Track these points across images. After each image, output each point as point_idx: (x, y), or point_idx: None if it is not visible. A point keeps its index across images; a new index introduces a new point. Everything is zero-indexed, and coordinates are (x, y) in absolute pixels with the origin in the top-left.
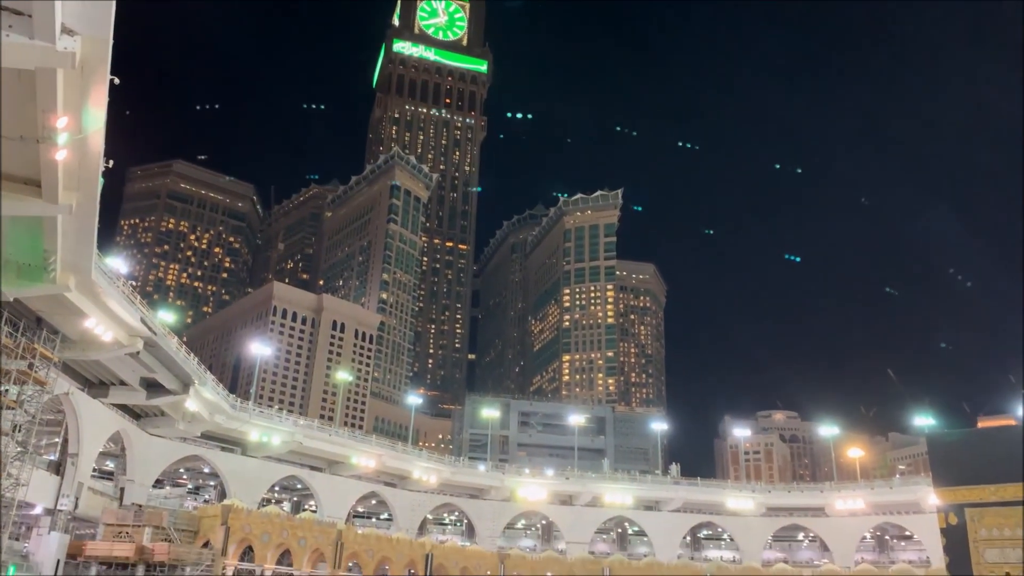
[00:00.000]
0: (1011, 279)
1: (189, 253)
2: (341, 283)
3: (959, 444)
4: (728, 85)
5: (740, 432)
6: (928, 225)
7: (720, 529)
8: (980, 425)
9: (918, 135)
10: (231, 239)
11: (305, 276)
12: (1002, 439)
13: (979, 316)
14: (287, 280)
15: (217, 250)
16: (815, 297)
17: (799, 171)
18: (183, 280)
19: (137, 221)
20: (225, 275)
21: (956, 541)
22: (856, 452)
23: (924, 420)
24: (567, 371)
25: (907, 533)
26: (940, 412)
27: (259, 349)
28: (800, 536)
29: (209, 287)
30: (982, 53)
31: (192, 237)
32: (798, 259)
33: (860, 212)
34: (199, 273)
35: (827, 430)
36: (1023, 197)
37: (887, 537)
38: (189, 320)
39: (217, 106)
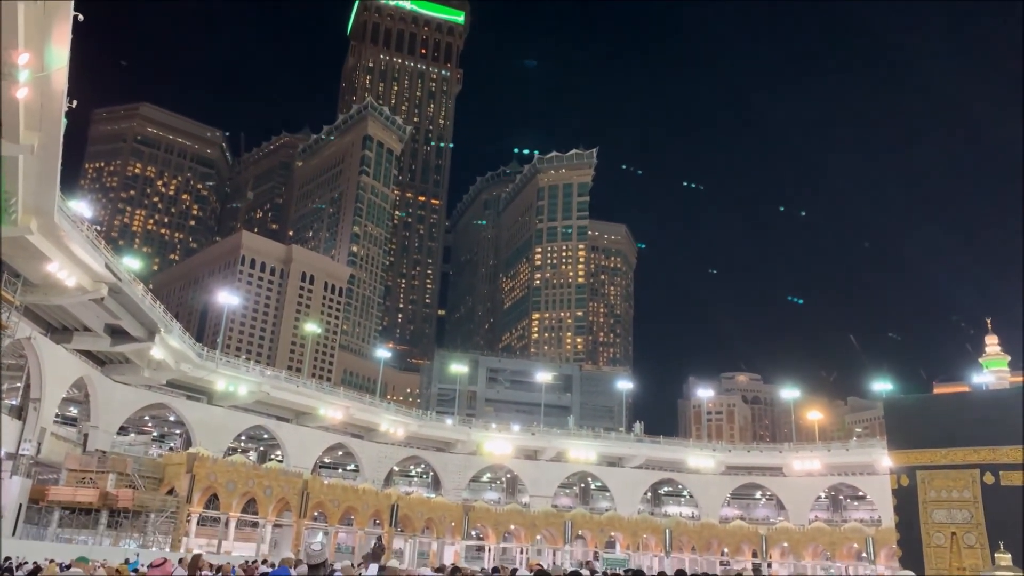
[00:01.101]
0: (968, 254)
1: (156, 199)
2: (311, 234)
3: (914, 409)
4: (709, 54)
5: (703, 392)
6: (889, 201)
7: (680, 486)
8: (936, 391)
9: (885, 117)
10: (199, 186)
11: (275, 226)
12: (956, 405)
13: (939, 288)
14: (256, 230)
15: (185, 197)
16: (781, 265)
17: (767, 140)
18: (149, 226)
19: (102, 164)
20: (193, 223)
21: (906, 501)
22: (815, 415)
23: (882, 385)
24: (536, 329)
25: (860, 493)
26: (898, 378)
27: (227, 299)
28: (758, 494)
29: (176, 234)
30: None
31: (159, 183)
32: (765, 229)
33: (824, 186)
34: (166, 220)
35: (788, 393)
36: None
37: (841, 497)
38: (155, 267)
39: (186, 48)
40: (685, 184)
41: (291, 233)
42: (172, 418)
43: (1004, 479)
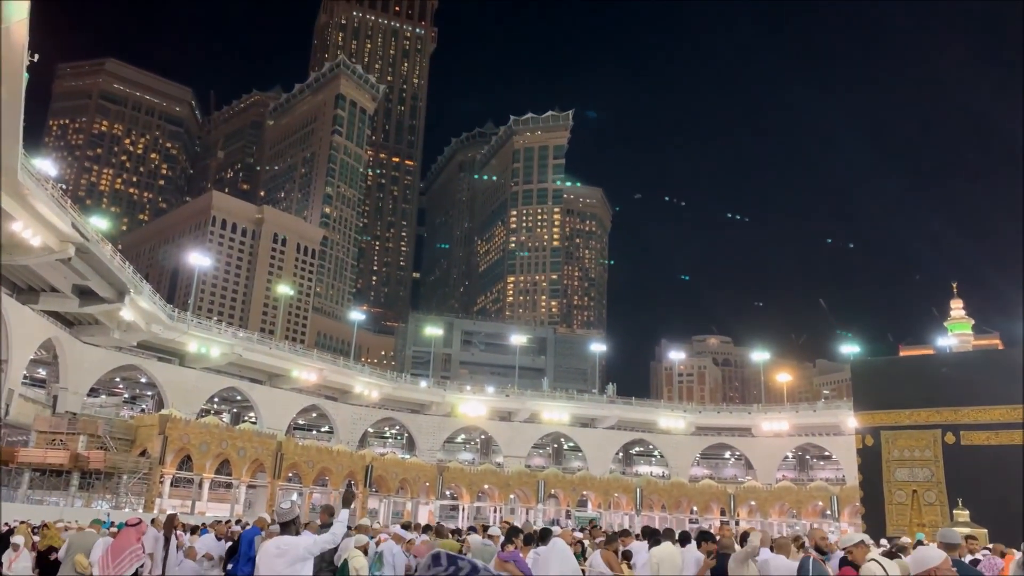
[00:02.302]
0: (934, 215)
1: (124, 158)
2: (283, 195)
3: (880, 371)
4: (697, 30)
5: (675, 355)
6: (858, 163)
7: (651, 446)
8: (901, 354)
9: (855, 69)
10: (168, 145)
11: (246, 187)
12: (920, 367)
13: (906, 251)
14: (227, 190)
15: (153, 156)
16: (753, 230)
17: (743, 102)
18: (117, 186)
19: (67, 121)
20: (162, 182)
21: (870, 461)
22: (784, 377)
23: (850, 348)
24: (511, 292)
25: (826, 453)
26: (865, 341)
27: (198, 260)
28: (727, 454)
29: (145, 194)
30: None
31: (127, 141)
32: (738, 194)
33: (795, 150)
34: (134, 179)
35: (758, 355)
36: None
37: (808, 456)
38: (124, 227)
39: (153, 2)
40: (660, 149)
41: (262, 193)
42: (143, 380)
43: (964, 439)
